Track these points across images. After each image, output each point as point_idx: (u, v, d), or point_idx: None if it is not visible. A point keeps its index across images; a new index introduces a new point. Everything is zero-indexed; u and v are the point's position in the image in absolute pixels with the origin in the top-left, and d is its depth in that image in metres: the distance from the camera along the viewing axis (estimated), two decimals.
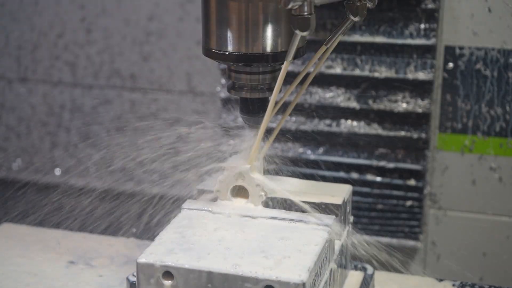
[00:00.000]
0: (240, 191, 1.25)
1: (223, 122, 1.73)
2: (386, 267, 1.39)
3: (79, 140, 2.16)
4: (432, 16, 1.62)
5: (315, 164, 1.71)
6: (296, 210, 1.23)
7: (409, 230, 1.73)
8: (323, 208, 1.24)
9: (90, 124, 2.14)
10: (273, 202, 1.25)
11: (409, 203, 1.71)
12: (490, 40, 1.63)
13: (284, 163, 1.38)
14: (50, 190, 1.55)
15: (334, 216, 1.21)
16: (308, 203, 1.23)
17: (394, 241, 1.74)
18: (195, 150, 1.30)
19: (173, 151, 1.32)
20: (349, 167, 1.72)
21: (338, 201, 1.24)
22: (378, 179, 1.71)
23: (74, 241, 1.51)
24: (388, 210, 1.72)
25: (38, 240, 1.51)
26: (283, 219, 1.20)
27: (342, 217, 1.25)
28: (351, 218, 1.32)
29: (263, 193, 1.23)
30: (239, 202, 1.24)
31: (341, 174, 1.71)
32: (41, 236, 1.53)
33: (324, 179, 1.41)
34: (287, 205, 1.24)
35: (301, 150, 1.73)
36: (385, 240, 1.73)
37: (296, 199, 1.23)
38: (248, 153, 1.23)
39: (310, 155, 1.72)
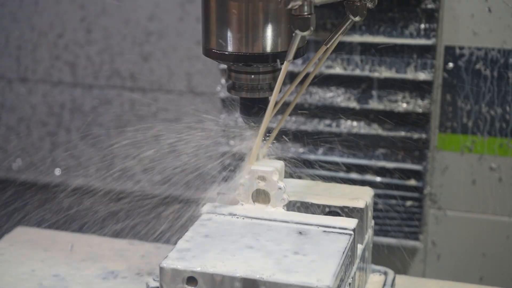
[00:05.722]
0: (260, 195, 1.22)
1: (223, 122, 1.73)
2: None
3: (79, 140, 2.16)
4: (432, 16, 1.62)
5: (315, 164, 1.70)
6: (318, 214, 1.21)
7: (409, 230, 1.73)
8: (346, 211, 1.22)
9: (90, 124, 2.14)
10: (293, 206, 1.23)
11: (409, 203, 1.71)
12: (490, 40, 1.63)
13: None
14: (50, 190, 1.55)
15: (357, 220, 1.18)
16: (331, 206, 1.22)
17: (394, 241, 1.74)
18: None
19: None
20: (349, 167, 1.72)
21: (361, 204, 1.22)
22: (378, 179, 1.71)
23: (88, 244, 1.50)
24: (388, 210, 1.72)
25: (52, 244, 1.49)
26: (306, 223, 1.17)
27: (364, 221, 1.22)
28: (372, 222, 1.30)
29: (285, 197, 1.21)
30: (260, 205, 1.22)
31: (341, 174, 1.71)
32: (55, 239, 1.51)
33: (324, 179, 1.40)
34: (308, 208, 1.23)
35: (301, 150, 1.73)
36: (385, 240, 1.73)
37: (319, 202, 1.22)
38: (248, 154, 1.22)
39: (310, 155, 1.72)
